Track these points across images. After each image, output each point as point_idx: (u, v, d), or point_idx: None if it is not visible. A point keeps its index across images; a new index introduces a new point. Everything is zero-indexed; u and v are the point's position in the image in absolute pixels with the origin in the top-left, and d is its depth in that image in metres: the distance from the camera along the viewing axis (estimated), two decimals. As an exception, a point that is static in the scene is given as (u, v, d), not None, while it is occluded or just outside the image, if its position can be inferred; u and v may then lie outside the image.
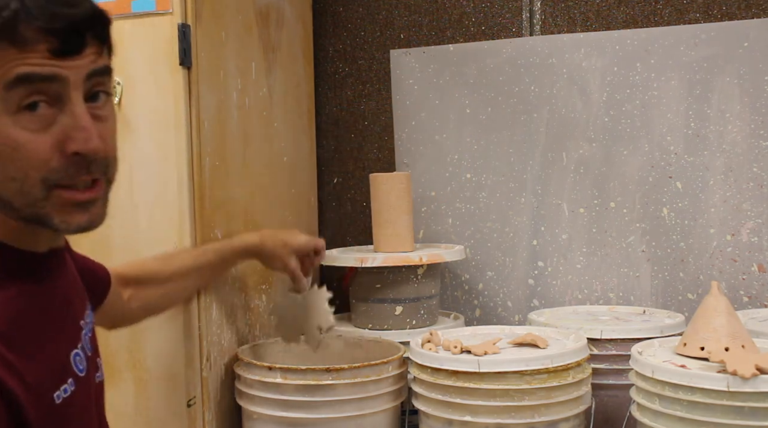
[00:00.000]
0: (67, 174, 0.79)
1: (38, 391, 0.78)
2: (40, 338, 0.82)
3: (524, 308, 1.95)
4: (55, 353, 0.84)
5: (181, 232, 1.56)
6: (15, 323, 0.78)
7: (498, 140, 1.98)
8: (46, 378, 0.81)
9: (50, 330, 0.84)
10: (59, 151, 0.78)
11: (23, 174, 0.77)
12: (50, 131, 0.77)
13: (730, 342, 1.30)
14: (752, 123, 1.79)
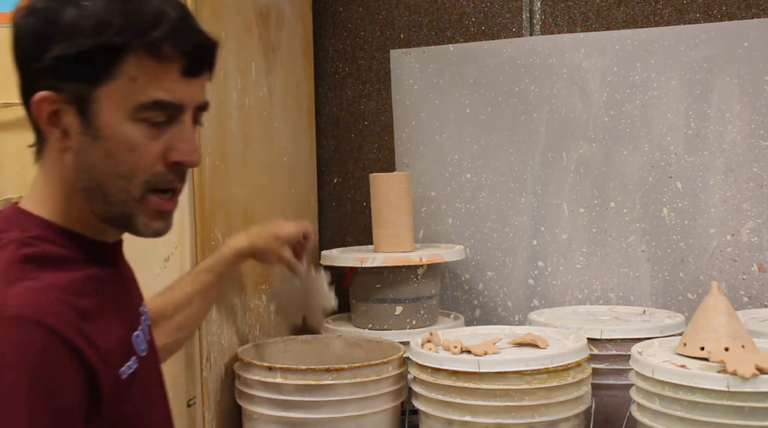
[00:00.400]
0: (165, 179, 0.90)
1: (109, 365, 0.84)
2: (110, 316, 0.88)
3: (524, 308, 1.95)
4: (121, 331, 0.91)
5: (181, 232, 1.56)
6: (90, 299, 0.84)
7: (498, 140, 1.98)
8: (115, 353, 0.87)
9: (117, 310, 0.91)
10: (163, 159, 0.89)
11: (131, 174, 0.88)
12: (160, 140, 0.88)
13: (730, 342, 1.30)
14: (752, 123, 1.79)
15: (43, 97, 0.85)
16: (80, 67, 0.84)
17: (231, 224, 1.69)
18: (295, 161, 1.98)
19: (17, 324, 0.77)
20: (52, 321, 0.78)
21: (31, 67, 0.86)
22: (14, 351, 0.76)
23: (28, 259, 0.83)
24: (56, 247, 0.86)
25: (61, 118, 0.86)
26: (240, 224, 1.73)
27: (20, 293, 0.79)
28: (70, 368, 0.79)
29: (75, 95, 0.85)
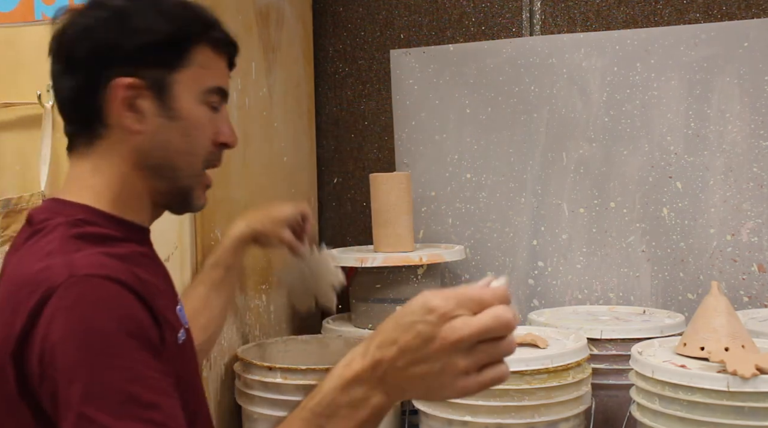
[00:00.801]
0: (215, 158, 1.02)
1: (167, 324, 0.90)
2: (159, 285, 0.95)
3: (524, 308, 1.95)
4: (168, 301, 0.97)
5: (181, 232, 1.56)
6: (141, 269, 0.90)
7: (498, 140, 1.98)
8: (169, 318, 0.93)
9: (161, 283, 0.98)
10: (212, 140, 1.00)
11: (198, 151, 0.99)
12: (214, 123, 1.00)
13: (730, 342, 1.30)
14: (752, 123, 1.79)
15: (127, 84, 0.92)
16: (160, 55, 0.94)
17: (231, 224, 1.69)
18: (295, 161, 1.98)
19: (90, 280, 0.82)
20: (119, 275, 0.84)
21: (100, 58, 0.93)
22: (94, 303, 0.81)
23: (78, 237, 0.89)
24: (101, 228, 0.92)
25: (138, 102, 0.94)
26: (240, 224, 1.73)
27: (85, 258, 0.85)
28: (146, 315, 0.84)
29: (153, 81, 0.94)
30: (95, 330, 0.80)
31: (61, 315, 0.80)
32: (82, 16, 0.95)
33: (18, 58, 1.65)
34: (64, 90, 0.96)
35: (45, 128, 1.62)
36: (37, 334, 0.80)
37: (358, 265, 1.74)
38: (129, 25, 0.93)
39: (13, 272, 0.90)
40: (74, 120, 0.97)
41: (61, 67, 0.95)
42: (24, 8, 1.65)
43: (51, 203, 0.97)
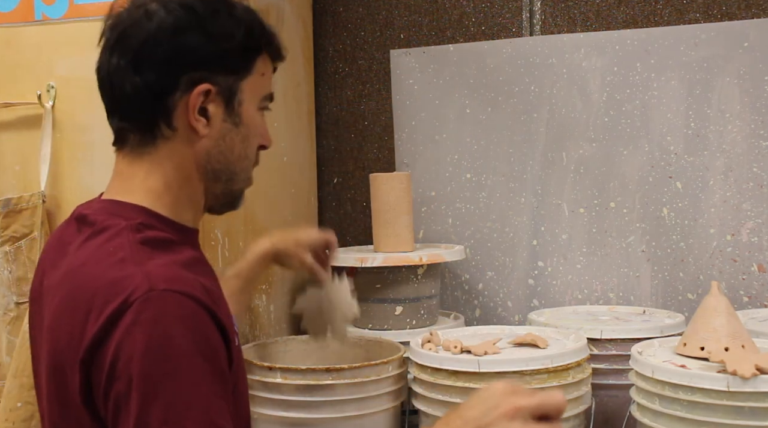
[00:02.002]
0: (257, 160, 1.05)
1: (230, 336, 0.89)
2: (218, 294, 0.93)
3: (524, 308, 1.95)
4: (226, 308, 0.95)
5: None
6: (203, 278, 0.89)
7: (498, 140, 1.98)
8: (230, 326, 0.91)
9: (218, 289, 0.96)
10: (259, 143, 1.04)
11: (251, 155, 1.02)
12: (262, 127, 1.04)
13: (730, 342, 1.30)
14: (752, 123, 1.79)
15: (204, 90, 0.93)
16: (234, 62, 0.96)
17: (231, 224, 1.69)
18: (295, 161, 1.98)
19: (171, 297, 0.81)
20: (195, 292, 0.84)
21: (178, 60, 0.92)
22: (175, 321, 0.80)
23: (144, 242, 0.89)
24: (160, 232, 0.92)
25: (209, 107, 0.95)
26: (240, 224, 1.73)
27: (159, 269, 0.84)
28: (217, 336, 0.85)
29: (224, 87, 0.95)
30: (174, 351, 0.79)
31: (138, 330, 0.79)
32: (160, 13, 0.93)
33: (18, 58, 1.66)
34: (126, 86, 0.94)
35: (45, 128, 1.62)
36: (110, 345, 0.79)
37: (358, 265, 1.74)
38: (210, 30, 0.93)
39: (79, 274, 0.87)
40: (133, 117, 0.95)
41: (127, 62, 0.93)
42: (24, 8, 1.65)
43: (107, 204, 0.96)
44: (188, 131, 0.95)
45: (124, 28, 0.94)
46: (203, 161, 0.97)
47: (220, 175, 0.99)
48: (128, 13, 0.94)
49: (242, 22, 0.96)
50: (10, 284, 1.64)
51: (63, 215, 1.64)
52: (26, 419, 1.61)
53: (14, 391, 1.61)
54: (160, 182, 0.96)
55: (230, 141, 0.98)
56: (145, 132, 0.95)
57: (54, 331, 0.87)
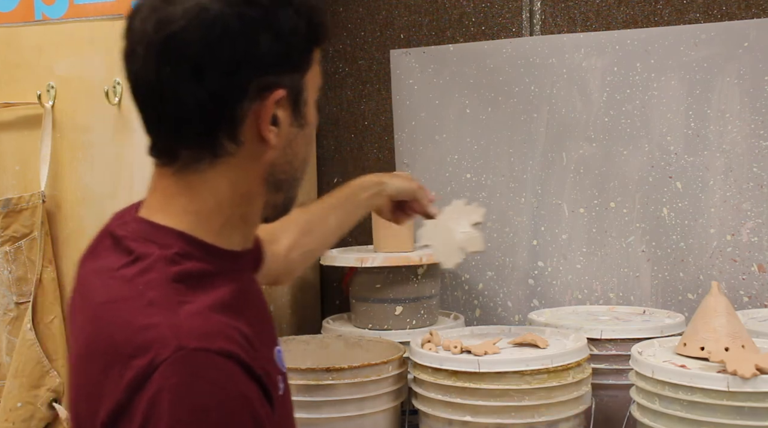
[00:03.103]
0: None
1: (271, 386, 0.79)
2: (260, 335, 0.82)
3: (524, 308, 1.95)
4: (269, 349, 0.86)
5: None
6: (243, 319, 0.79)
7: (498, 140, 1.98)
8: (272, 373, 0.82)
9: (262, 325, 0.86)
10: None
11: (310, 157, 0.91)
12: None
13: (730, 342, 1.30)
14: (752, 123, 1.79)
15: (279, 97, 0.81)
16: (298, 58, 0.83)
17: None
18: (295, 161, 1.98)
19: (203, 357, 0.72)
20: (232, 348, 0.74)
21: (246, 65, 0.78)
22: (207, 387, 0.71)
23: (178, 279, 0.78)
24: (199, 263, 0.80)
25: (278, 114, 0.81)
26: (240, 224, 1.73)
27: (190, 322, 0.74)
28: (257, 393, 0.75)
29: (292, 88, 0.82)
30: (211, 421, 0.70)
31: (166, 400, 0.70)
32: (220, 8, 0.77)
33: (18, 58, 1.66)
34: (185, 98, 0.78)
35: (45, 128, 1.62)
36: (136, 412, 0.70)
37: (358, 265, 1.74)
38: (277, 26, 0.79)
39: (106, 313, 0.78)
40: (190, 133, 0.80)
41: (185, 70, 0.77)
42: (24, 8, 1.65)
43: (143, 226, 0.84)
44: (256, 144, 0.81)
45: (175, 30, 0.77)
46: (267, 174, 0.84)
47: (282, 185, 0.87)
48: (175, 8, 0.77)
49: (303, 12, 0.82)
50: (10, 284, 1.64)
51: (63, 215, 1.64)
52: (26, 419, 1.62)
53: (14, 391, 1.61)
54: (211, 202, 0.82)
55: (296, 146, 0.85)
56: (202, 148, 0.80)
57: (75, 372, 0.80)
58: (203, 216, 0.82)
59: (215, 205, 0.83)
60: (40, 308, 1.62)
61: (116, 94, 1.59)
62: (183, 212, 0.82)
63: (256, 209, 0.87)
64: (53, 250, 1.64)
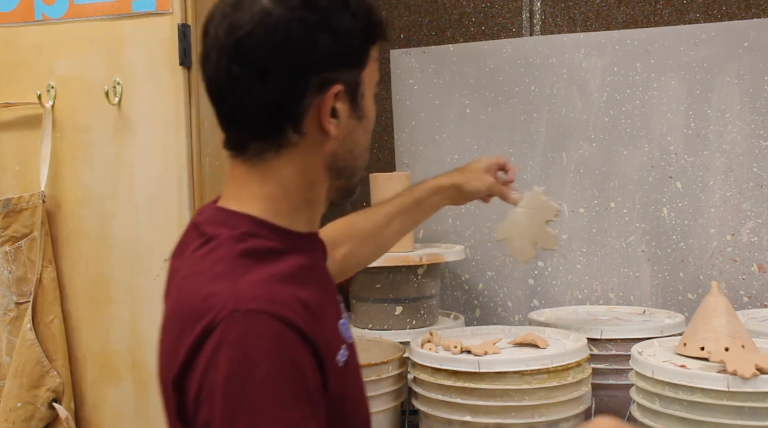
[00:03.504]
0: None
1: (329, 353, 0.87)
2: (322, 305, 0.91)
3: (524, 308, 1.95)
4: (330, 321, 0.93)
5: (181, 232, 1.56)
6: (306, 290, 0.87)
7: (498, 140, 1.98)
8: (331, 342, 0.89)
9: (325, 298, 0.94)
10: None
11: (369, 145, 0.98)
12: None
13: (730, 342, 1.30)
14: (752, 123, 1.79)
15: (336, 91, 0.89)
16: (355, 56, 0.91)
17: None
18: (295, 161, 1.98)
19: (255, 318, 0.79)
20: (285, 312, 0.81)
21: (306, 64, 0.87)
22: (257, 344, 0.78)
23: (245, 254, 0.86)
24: (265, 240, 0.89)
25: (337, 107, 0.90)
26: (240, 224, 1.73)
27: (250, 288, 0.82)
28: (307, 357, 0.82)
29: (349, 83, 0.90)
30: (257, 376, 0.78)
31: (221, 354, 0.78)
32: (282, 12, 0.85)
33: (18, 58, 1.66)
34: (253, 95, 0.87)
35: (45, 128, 1.62)
36: (197, 368, 0.79)
37: (358, 265, 1.73)
38: (334, 27, 0.88)
39: (182, 288, 0.88)
40: (258, 127, 0.89)
41: (252, 70, 0.86)
42: (24, 8, 1.65)
43: (217, 212, 0.93)
44: (318, 135, 0.90)
45: (242, 34, 0.85)
46: (329, 163, 0.93)
47: (344, 172, 0.95)
48: (241, 12, 0.86)
49: (359, 13, 0.92)
50: (10, 284, 1.64)
51: (63, 215, 1.64)
52: (26, 419, 1.61)
53: (14, 391, 1.61)
54: (279, 187, 0.91)
55: (355, 136, 0.94)
56: (269, 140, 0.89)
57: (161, 343, 0.89)
58: (271, 200, 0.91)
59: (282, 190, 0.91)
60: (40, 308, 1.62)
61: (116, 94, 1.59)
62: (253, 197, 0.91)
63: (319, 194, 0.95)
64: (53, 250, 1.64)
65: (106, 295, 1.62)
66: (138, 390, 1.60)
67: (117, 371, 1.61)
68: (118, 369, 1.61)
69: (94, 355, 1.63)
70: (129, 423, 1.61)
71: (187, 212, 1.56)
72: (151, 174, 1.58)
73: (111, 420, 1.63)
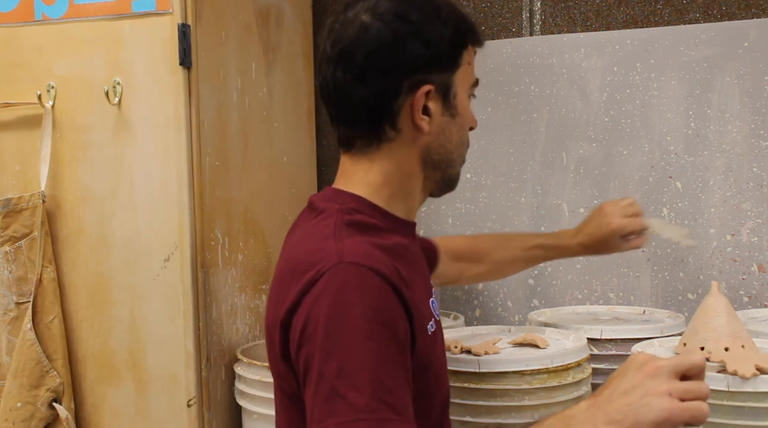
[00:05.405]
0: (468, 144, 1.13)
1: (419, 318, 0.98)
2: (415, 278, 1.03)
3: (524, 308, 1.95)
4: (422, 294, 1.06)
5: (180, 232, 1.56)
6: (402, 262, 0.99)
7: (498, 140, 1.98)
8: (422, 310, 1.01)
9: (418, 276, 1.06)
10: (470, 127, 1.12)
11: (466, 140, 1.10)
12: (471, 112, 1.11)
13: (730, 342, 1.30)
14: (752, 123, 1.79)
15: (426, 91, 1.02)
16: (446, 60, 1.04)
17: (231, 224, 1.69)
18: (295, 161, 1.98)
19: (356, 269, 0.92)
20: (382, 268, 0.93)
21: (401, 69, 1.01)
22: (356, 290, 0.90)
23: (350, 224, 1.00)
24: (369, 217, 1.03)
25: (430, 105, 1.03)
26: (240, 224, 1.73)
27: (352, 246, 0.95)
28: (399, 309, 0.93)
29: (441, 84, 1.04)
30: (354, 315, 0.89)
31: (325, 297, 0.90)
32: (377, 26, 1.01)
33: (18, 58, 1.66)
34: (354, 97, 1.02)
35: (45, 128, 1.62)
36: (303, 309, 0.91)
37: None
38: (424, 36, 1.02)
39: (293, 248, 1.03)
40: (361, 124, 1.05)
41: (353, 75, 1.02)
42: (24, 8, 1.65)
43: (330, 192, 1.08)
44: (412, 131, 1.04)
45: (345, 44, 1.02)
46: (424, 156, 1.06)
47: (439, 165, 1.08)
48: (344, 28, 1.03)
49: (450, 22, 1.04)
50: (10, 284, 1.64)
51: (63, 215, 1.64)
52: (26, 419, 1.61)
53: (14, 391, 1.61)
54: (380, 176, 1.05)
55: (449, 133, 1.06)
56: (371, 136, 1.04)
57: (270, 295, 1.02)
58: (375, 187, 1.05)
59: (384, 179, 1.05)
60: (40, 308, 1.62)
61: (116, 95, 1.59)
62: (359, 183, 1.06)
63: (416, 185, 1.08)
64: (53, 250, 1.64)
65: (106, 295, 1.62)
66: (138, 390, 1.60)
67: (117, 371, 1.61)
68: (118, 369, 1.61)
69: (94, 355, 1.63)
70: (129, 423, 1.61)
71: (187, 212, 1.56)
72: (151, 174, 1.58)
73: (111, 420, 1.63)
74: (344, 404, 0.85)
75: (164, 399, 1.58)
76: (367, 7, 1.02)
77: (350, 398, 0.85)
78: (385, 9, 1.02)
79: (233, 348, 1.66)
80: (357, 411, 0.84)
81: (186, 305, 1.56)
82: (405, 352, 0.93)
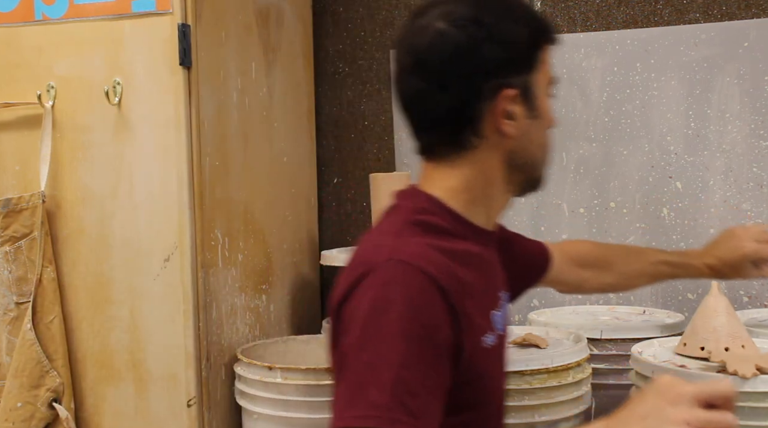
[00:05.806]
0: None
1: (472, 328, 0.96)
2: (478, 287, 1.00)
3: (524, 308, 1.95)
4: (483, 304, 1.02)
5: (181, 232, 1.56)
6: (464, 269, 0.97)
7: (498, 140, 1.98)
8: (477, 321, 0.98)
9: (484, 284, 1.03)
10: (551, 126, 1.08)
11: (549, 140, 1.07)
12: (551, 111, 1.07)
13: (730, 342, 1.30)
14: (752, 123, 1.79)
15: (510, 96, 0.98)
16: (524, 62, 1.01)
17: (231, 224, 1.69)
18: (295, 161, 1.98)
19: (403, 267, 0.91)
20: (432, 271, 0.91)
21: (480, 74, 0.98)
22: (400, 288, 0.90)
23: (416, 223, 0.99)
24: (440, 219, 1.01)
25: (513, 109, 0.99)
26: (240, 224, 1.73)
27: (409, 245, 0.94)
28: (443, 314, 0.91)
29: (522, 86, 1.00)
30: (393, 312, 0.88)
31: (370, 291, 0.91)
32: (452, 32, 0.98)
33: (18, 58, 1.66)
34: (434, 105, 1.00)
35: (45, 128, 1.62)
36: (352, 300, 0.92)
37: (358, 265, 1.73)
38: (500, 38, 0.98)
39: (362, 241, 1.02)
40: (442, 132, 1.02)
41: (431, 83, 0.99)
42: (24, 8, 1.65)
43: (410, 190, 1.06)
44: (496, 136, 1.00)
45: (420, 53, 0.99)
46: (508, 160, 1.03)
47: (524, 168, 1.05)
48: (418, 36, 0.99)
49: (524, 22, 1.01)
50: (10, 284, 1.64)
51: (63, 215, 1.64)
52: (26, 419, 1.61)
53: (14, 391, 1.61)
54: (460, 182, 1.02)
55: (532, 135, 1.03)
56: (453, 143, 1.01)
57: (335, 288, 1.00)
58: (453, 191, 1.02)
59: (464, 185, 1.02)
60: (40, 308, 1.61)
61: (116, 95, 1.59)
62: (439, 187, 1.03)
63: (498, 190, 1.05)
64: (53, 250, 1.64)
65: (106, 295, 1.62)
66: (138, 390, 1.60)
67: (117, 371, 1.61)
68: (118, 369, 1.61)
69: (94, 355, 1.63)
70: (129, 423, 1.61)
71: (187, 212, 1.56)
72: (151, 174, 1.58)
73: (111, 420, 1.63)
74: (364, 399, 0.85)
75: (164, 399, 1.58)
76: (439, 14, 0.99)
77: (371, 394, 0.85)
78: (458, 14, 0.98)
79: (233, 348, 1.66)
80: (374, 407, 0.84)
81: (186, 305, 1.56)
82: (442, 357, 0.91)
